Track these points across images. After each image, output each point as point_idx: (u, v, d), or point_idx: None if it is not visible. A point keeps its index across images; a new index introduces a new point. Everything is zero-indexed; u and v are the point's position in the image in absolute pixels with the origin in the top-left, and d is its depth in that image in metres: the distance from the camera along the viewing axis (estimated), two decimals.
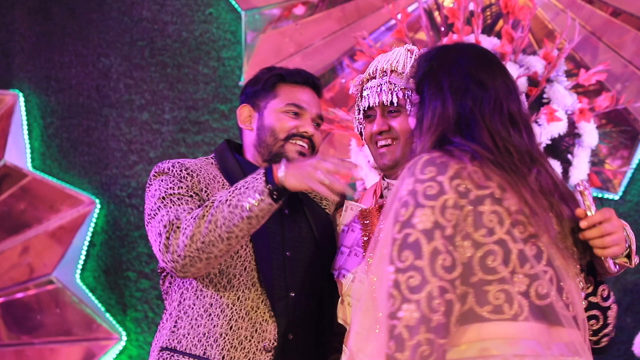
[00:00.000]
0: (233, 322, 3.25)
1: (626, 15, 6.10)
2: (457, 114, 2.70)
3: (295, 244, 3.37)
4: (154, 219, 3.22)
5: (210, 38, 6.41)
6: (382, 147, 3.27)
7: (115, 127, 6.41)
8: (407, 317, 2.49)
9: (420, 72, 2.80)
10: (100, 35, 6.44)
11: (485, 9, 5.77)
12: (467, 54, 2.79)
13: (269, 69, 3.50)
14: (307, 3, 6.30)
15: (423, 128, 2.74)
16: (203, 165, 3.37)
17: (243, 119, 3.45)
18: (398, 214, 2.57)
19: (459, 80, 2.73)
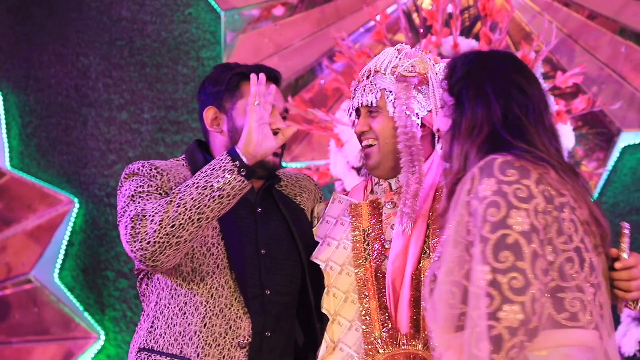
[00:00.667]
0: (207, 319, 3.25)
1: (602, 18, 6.15)
2: (505, 118, 2.74)
3: (270, 241, 3.36)
4: (123, 217, 3.22)
5: (189, 38, 6.42)
6: (365, 148, 3.28)
7: (94, 127, 6.40)
8: (509, 318, 2.51)
9: (457, 75, 2.83)
10: (79, 35, 6.43)
11: (463, 11, 5.81)
12: (506, 60, 2.84)
13: (228, 67, 3.46)
14: (286, 4, 6.32)
15: (462, 129, 2.77)
16: (173, 166, 3.36)
17: (210, 122, 3.41)
18: (486, 214, 2.59)
19: (502, 86, 2.77)
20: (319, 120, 5.68)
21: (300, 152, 6.27)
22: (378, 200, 3.31)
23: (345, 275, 3.25)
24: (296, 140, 6.25)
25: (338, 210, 3.36)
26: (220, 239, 3.28)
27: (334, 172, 5.58)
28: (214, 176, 3.11)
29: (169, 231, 3.10)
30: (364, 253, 3.25)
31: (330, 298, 3.26)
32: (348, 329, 3.22)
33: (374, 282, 3.21)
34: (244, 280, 3.28)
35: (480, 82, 2.79)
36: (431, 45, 5.43)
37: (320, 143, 6.14)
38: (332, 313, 3.25)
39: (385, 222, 3.27)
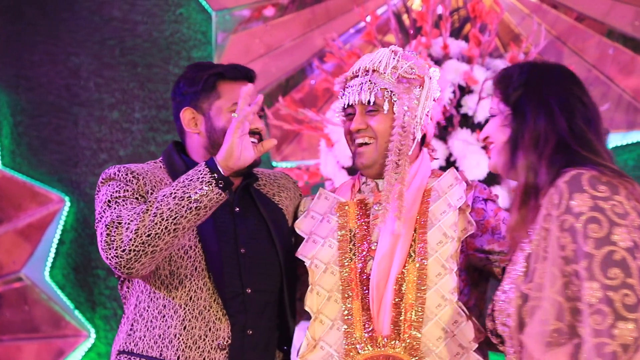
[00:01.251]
0: (187, 322, 3.27)
1: (590, 20, 6.17)
2: (571, 129, 2.79)
3: (249, 240, 3.37)
4: (100, 222, 3.23)
5: (180, 38, 6.42)
6: (359, 146, 3.29)
7: (85, 126, 6.41)
8: (624, 335, 2.57)
9: (514, 84, 2.88)
10: (71, 34, 6.44)
11: (453, 12, 5.81)
12: (563, 72, 2.90)
13: (203, 67, 3.45)
14: (277, 4, 6.33)
15: (525, 139, 2.82)
16: (150, 169, 3.37)
17: (187, 123, 3.40)
18: (587, 230, 2.63)
19: (564, 98, 2.82)
20: (310, 120, 5.69)
21: (290, 152, 6.28)
22: (366, 200, 3.32)
23: (330, 274, 3.26)
24: (286, 140, 6.27)
25: (324, 207, 3.37)
26: (198, 242, 3.29)
27: (324, 172, 5.59)
28: (192, 187, 3.12)
29: (144, 240, 3.11)
30: (350, 253, 3.25)
31: (314, 296, 3.27)
32: (330, 328, 3.23)
33: (358, 282, 3.22)
34: (222, 281, 3.29)
35: (541, 93, 2.84)
36: (421, 47, 5.45)
37: (310, 143, 6.15)
38: (314, 311, 3.26)
39: (373, 223, 3.28)
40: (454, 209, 3.22)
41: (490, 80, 5.34)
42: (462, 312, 3.19)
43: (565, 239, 2.67)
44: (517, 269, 2.83)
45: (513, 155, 2.85)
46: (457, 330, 3.18)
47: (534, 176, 2.80)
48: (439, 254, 3.19)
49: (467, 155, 5.28)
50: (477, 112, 5.34)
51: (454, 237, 3.20)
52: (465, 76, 5.34)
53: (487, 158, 5.29)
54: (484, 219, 3.29)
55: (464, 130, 5.33)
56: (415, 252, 3.19)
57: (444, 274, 3.19)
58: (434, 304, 3.18)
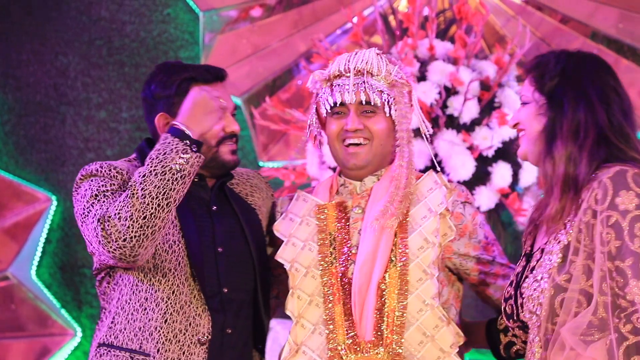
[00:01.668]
0: (168, 315, 3.27)
1: (574, 22, 6.20)
2: (610, 122, 2.82)
3: (226, 239, 3.37)
4: (88, 217, 3.23)
5: (168, 38, 6.43)
6: (351, 146, 3.28)
7: (73, 125, 6.42)
8: None
9: (552, 73, 2.88)
10: (58, 34, 6.44)
11: (439, 14, 5.83)
12: (599, 63, 2.92)
13: (174, 69, 3.41)
14: (264, 5, 6.34)
15: (564, 130, 2.83)
16: (129, 165, 3.37)
17: (162, 128, 3.38)
18: (634, 229, 2.69)
19: (603, 91, 2.85)
20: (297, 121, 5.71)
21: (277, 152, 6.30)
22: (345, 203, 3.31)
23: (311, 278, 3.26)
24: (273, 140, 6.29)
25: (303, 209, 3.36)
26: (181, 237, 3.30)
27: (310, 172, 5.60)
28: (169, 160, 3.13)
29: (142, 223, 3.11)
30: (330, 257, 3.25)
31: (295, 300, 3.27)
32: (312, 333, 3.24)
33: (339, 287, 3.22)
34: (202, 278, 3.30)
35: (580, 83, 2.85)
36: (407, 48, 5.47)
37: (297, 143, 6.15)
38: (295, 315, 3.26)
39: (353, 227, 3.28)
40: (435, 215, 3.23)
41: (476, 82, 5.38)
42: (442, 317, 3.21)
43: (609, 235, 2.70)
44: (552, 259, 2.85)
45: (550, 145, 2.86)
46: (437, 335, 3.20)
47: (574, 167, 2.81)
48: (420, 259, 3.20)
49: (452, 155, 5.30)
50: (462, 113, 5.37)
51: (435, 243, 3.22)
52: (451, 77, 5.36)
53: (472, 159, 5.32)
54: (462, 224, 3.31)
55: (450, 131, 5.35)
56: (397, 257, 3.20)
57: (425, 279, 3.20)
58: (415, 309, 3.19)
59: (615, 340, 2.67)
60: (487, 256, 3.33)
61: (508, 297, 3.02)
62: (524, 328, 2.99)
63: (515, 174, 5.47)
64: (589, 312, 2.70)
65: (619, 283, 2.68)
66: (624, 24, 6.13)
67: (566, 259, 2.79)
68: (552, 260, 2.85)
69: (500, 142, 5.40)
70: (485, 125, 5.39)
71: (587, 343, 2.69)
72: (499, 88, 5.49)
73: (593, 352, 2.68)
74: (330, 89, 3.29)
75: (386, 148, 3.30)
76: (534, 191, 5.62)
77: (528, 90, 2.97)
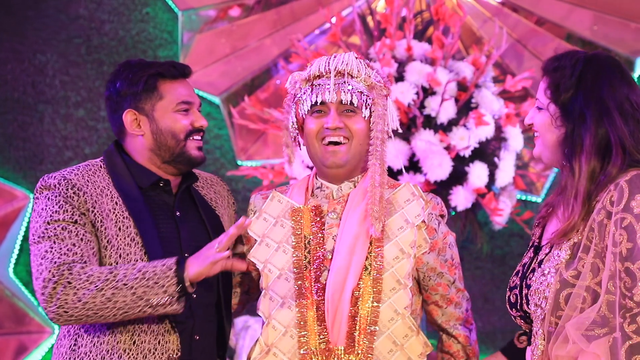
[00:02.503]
0: (136, 336, 3.26)
1: (550, 24, 6.25)
2: (630, 135, 2.87)
3: (191, 244, 3.35)
4: (37, 247, 3.22)
5: (147, 37, 6.43)
6: (331, 145, 3.30)
7: (51, 123, 6.41)
8: None
9: (567, 85, 2.92)
10: (37, 32, 6.43)
11: (416, 15, 5.86)
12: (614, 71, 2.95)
13: (140, 66, 3.40)
14: (242, 5, 6.35)
15: (586, 145, 2.87)
16: (91, 176, 3.34)
17: (130, 125, 3.37)
18: None
19: (621, 103, 2.89)
20: (275, 120, 5.73)
21: (255, 151, 6.31)
22: (320, 207, 3.33)
23: (284, 280, 3.27)
24: (252, 139, 6.30)
25: (277, 210, 3.36)
26: (144, 254, 3.27)
27: (289, 171, 5.61)
28: (154, 291, 3.14)
29: (90, 314, 3.13)
30: (305, 261, 3.27)
31: (267, 301, 3.28)
32: (283, 335, 3.25)
33: (312, 291, 3.24)
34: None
35: (602, 98, 2.89)
36: (385, 48, 5.49)
37: (275, 142, 6.18)
38: (267, 316, 3.27)
39: (327, 232, 3.29)
40: (412, 226, 3.28)
41: (453, 82, 5.42)
42: (412, 327, 3.27)
43: (622, 237, 2.77)
44: (561, 255, 2.92)
45: (571, 157, 2.90)
46: (406, 344, 3.25)
47: (596, 183, 2.87)
48: (394, 269, 3.24)
49: (429, 155, 5.32)
50: (439, 113, 5.39)
51: (410, 254, 3.26)
52: (428, 78, 5.39)
53: (449, 159, 5.36)
54: (433, 239, 3.34)
55: (427, 131, 5.38)
56: (372, 265, 3.23)
57: (398, 289, 3.24)
58: (387, 318, 3.23)
59: (619, 339, 2.73)
60: (450, 276, 3.38)
61: (513, 286, 3.09)
62: (526, 319, 3.05)
63: (492, 174, 5.50)
64: (594, 309, 2.77)
65: (627, 284, 2.75)
66: (598, 26, 6.18)
67: (575, 255, 2.86)
68: (560, 256, 2.92)
69: (477, 143, 5.42)
70: (462, 126, 5.42)
71: (589, 338, 2.76)
72: (476, 89, 5.51)
73: (596, 347, 2.74)
74: (310, 89, 3.32)
75: (364, 148, 3.32)
76: (509, 191, 5.67)
77: (543, 97, 3.01)
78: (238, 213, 3.59)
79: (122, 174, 3.34)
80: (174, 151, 3.35)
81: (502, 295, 6.17)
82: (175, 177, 3.42)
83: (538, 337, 2.95)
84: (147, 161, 3.39)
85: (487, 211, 5.55)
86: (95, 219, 3.26)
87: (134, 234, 3.26)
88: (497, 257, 6.27)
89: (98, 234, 3.26)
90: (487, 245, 6.07)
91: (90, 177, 3.32)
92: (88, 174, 3.33)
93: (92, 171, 3.35)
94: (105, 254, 3.25)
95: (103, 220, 3.26)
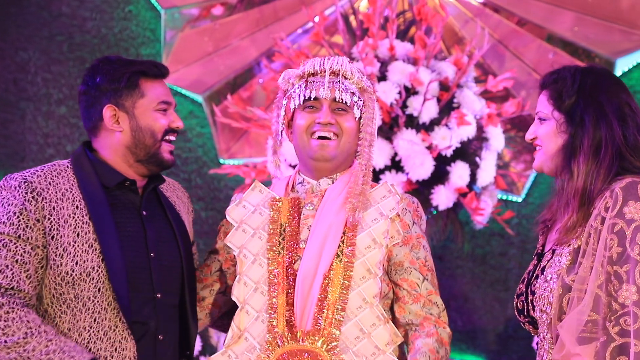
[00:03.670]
0: (92, 344, 3.24)
1: (531, 24, 6.27)
2: (626, 139, 2.96)
3: (157, 244, 3.36)
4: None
5: (129, 35, 6.43)
6: (321, 139, 3.37)
7: (33, 121, 6.40)
8: None
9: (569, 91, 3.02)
10: (19, 29, 6.42)
11: (399, 15, 5.89)
12: (614, 80, 3.06)
13: (120, 63, 3.40)
14: (225, 4, 6.35)
15: (585, 147, 2.98)
16: (54, 178, 3.32)
17: (108, 120, 3.36)
18: (636, 237, 2.83)
19: (619, 107, 2.99)
20: (257, 119, 5.75)
21: (237, 150, 6.32)
22: (299, 199, 3.40)
23: (258, 265, 3.34)
24: (234, 137, 6.31)
25: (258, 199, 3.44)
26: (101, 261, 3.26)
27: (271, 169, 5.62)
28: None
29: (5, 352, 3.13)
30: (278, 247, 3.33)
31: (241, 286, 3.34)
32: (255, 319, 3.30)
33: (284, 277, 3.30)
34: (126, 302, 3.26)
35: (598, 101, 2.99)
36: (368, 48, 5.51)
37: (257, 141, 6.19)
38: (241, 301, 3.33)
39: (303, 222, 3.36)
40: (386, 218, 3.34)
41: (435, 82, 5.45)
42: (380, 316, 3.30)
43: (613, 241, 2.85)
44: (562, 261, 3.00)
45: (570, 161, 3.01)
46: (374, 332, 3.29)
47: (592, 182, 2.96)
48: (366, 257, 3.30)
49: (411, 155, 5.35)
50: (422, 112, 5.42)
51: (382, 244, 3.32)
52: (410, 77, 5.41)
53: (431, 159, 5.39)
54: (407, 233, 3.38)
55: (409, 130, 5.41)
56: (343, 252, 3.29)
57: (368, 278, 3.29)
58: (355, 305, 3.28)
59: (604, 342, 2.80)
60: (420, 274, 3.36)
61: (520, 293, 3.16)
62: (534, 324, 3.12)
63: (473, 173, 5.53)
64: (581, 311, 2.83)
65: (615, 286, 2.82)
66: (579, 28, 6.20)
67: (575, 261, 2.94)
68: (561, 262, 3.00)
69: (458, 142, 5.46)
70: (444, 125, 5.45)
71: (580, 341, 2.82)
72: (458, 89, 5.55)
73: (582, 351, 2.80)
74: (304, 84, 3.41)
75: (352, 147, 3.42)
76: (490, 190, 5.70)
77: (546, 107, 3.11)
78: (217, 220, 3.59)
79: (88, 174, 3.33)
80: (149, 150, 3.37)
81: (483, 295, 6.25)
82: (143, 177, 3.43)
83: (546, 342, 3.02)
84: (120, 158, 3.38)
85: (468, 210, 5.58)
86: (52, 226, 3.24)
87: (92, 240, 3.25)
88: (478, 257, 6.30)
89: (53, 242, 3.24)
90: (468, 244, 6.11)
91: (53, 179, 3.31)
92: (51, 176, 3.32)
93: (56, 172, 3.34)
94: (61, 262, 3.23)
95: (60, 227, 3.25)
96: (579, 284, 2.88)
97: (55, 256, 3.24)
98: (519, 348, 6.14)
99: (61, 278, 3.24)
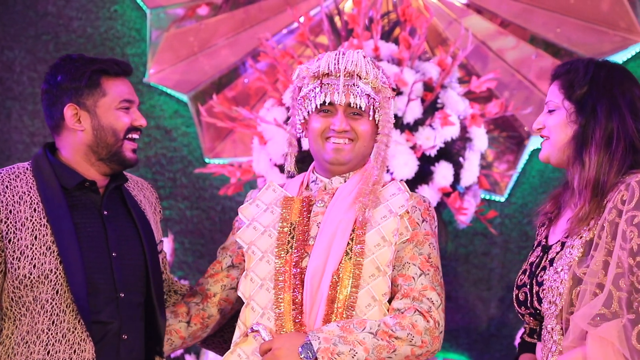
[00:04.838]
0: (50, 347, 3.22)
1: (514, 25, 6.30)
2: (638, 132, 2.99)
3: (119, 243, 3.33)
4: None
5: (115, 35, 6.44)
6: (335, 144, 3.34)
7: (18, 120, 6.41)
8: None
9: (581, 81, 3.03)
10: (5, 29, 6.41)
11: (383, 16, 5.90)
12: (626, 73, 3.07)
13: (82, 61, 3.35)
14: (210, 4, 6.36)
15: (597, 138, 2.99)
16: (12, 181, 3.30)
17: (70, 119, 3.32)
18: None
19: (632, 101, 3.01)
20: (243, 118, 5.76)
21: (223, 149, 6.34)
22: (311, 198, 3.38)
23: (265, 262, 3.31)
24: (220, 137, 6.33)
25: (270, 198, 3.42)
26: (59, 263, 3.24)
27: (256, 169, 5.63)
28: None
29: None
30: (287, 245, 3.30)
31: (248, 282, 3.31)
32: (260, 317, 3.27)
33: (290, 275, 3.27)
34: (84, 304, 3.24)
35: (612, 94, 3.01)
36: (352, 48, 5.54)
37: (243, 141, 6.21)
38: (247, 297, 3.30)
39: (313, 219, 3.34)
40: (395, 215, 3.31)
41: (419, 83, 5.48)
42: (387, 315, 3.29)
43: (632, 233, 2.88)
44: (573, 253, 3.02)
45: (581, 151, 3.02)
46: None
47: (604, 174, 2.99)
48: (375, 256, 3.27)
49: (395, 155, 5.36)
50: (406, 113, 5.44)
51: (392, 242, 3.29)
52: (395, 78, 5.43)
53: (415, 159, 5.42)
54: (415, 230, 3.35)
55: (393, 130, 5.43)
56: (352, 250, 3.26)
57: (377, 276, 3.27)
58: (364, 304, 3.25)
59: (631, 322, 2.84)
60: (417, 269, 3.31)
61: (522, 284, 3.17)
62: (536, 316, 3.14)
63: (457, 173, 5.57)
64: (599, 300, 2.86)
65: (638, 277, 2.86)
66: (561, 29, 6.24)
67: (587, 253, 2.97)
68: (572, 254, 3.02)
69: (442, 142, 5.48)
70: (428, 126, 5.47)
71: (595, 324, 2.86)
72: (442, 89, 5.57)
73: (605, 332, 2.83)
74: (319, 87, 3.36)
75: (367, 150, 3.38)
76: (474, 190, 5.74)
77: (557, 97, 3.11)
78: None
79: (46, 176, 3.31)
80: (111, 149, 3.34)
81: (465, 294, 6.28)
82: (105, 177, 3.40)
83: (555, 333, 3.04)
84: (82, 157, 3.36)
85: (451, 210, 5.61)
86: (8, 230, 3.24)
87: (50, 242, 3.24)
88: (461, 256, 6.34)
89: (10, 246, 3.23)
90: (451, 243, 6.14)
91: (11, 182, 3.30)
92: (9, 179, 3.31)
93: (15, 175, 3.33)
94: (19, 265, 3.22)
95: (17, 230, 3.24)
96: (590, 277, 2.91)
97: (13, 259, 3.22)
98: (502, 347, 6.18)
99: (19, 281, 3.22)
